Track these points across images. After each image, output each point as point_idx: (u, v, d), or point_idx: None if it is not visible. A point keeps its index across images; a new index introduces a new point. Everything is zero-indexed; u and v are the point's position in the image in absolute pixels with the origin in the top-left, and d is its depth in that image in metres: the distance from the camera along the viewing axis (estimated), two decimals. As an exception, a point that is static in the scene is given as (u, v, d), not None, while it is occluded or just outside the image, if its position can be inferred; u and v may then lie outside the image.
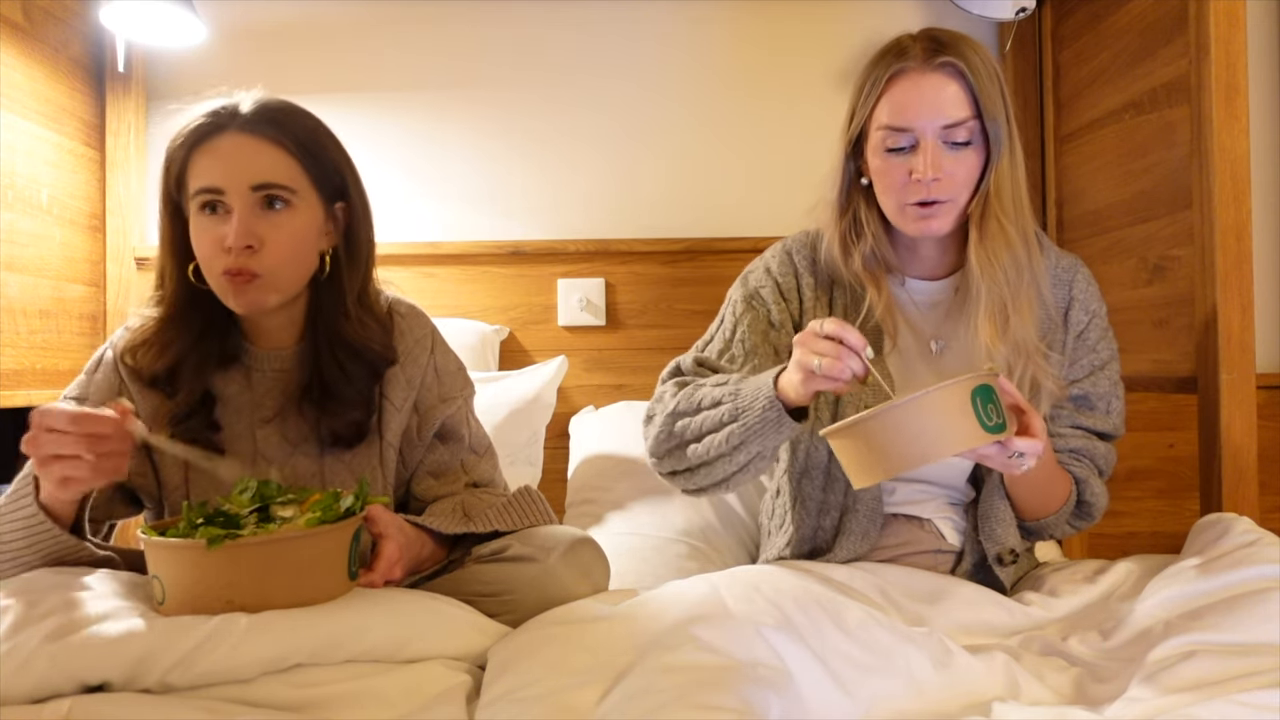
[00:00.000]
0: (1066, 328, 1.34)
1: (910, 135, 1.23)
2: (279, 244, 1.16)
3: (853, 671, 0.94)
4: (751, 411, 1.17)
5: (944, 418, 0.99)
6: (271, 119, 1.18)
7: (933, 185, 1.22)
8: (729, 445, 1.19)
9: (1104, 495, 1.33)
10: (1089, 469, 1.32)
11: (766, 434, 1.17)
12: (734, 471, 1.22)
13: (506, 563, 1.13)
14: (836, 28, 2.16)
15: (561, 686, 0.88)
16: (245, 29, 2.13)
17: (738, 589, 1.02)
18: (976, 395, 1.01)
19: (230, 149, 1.16)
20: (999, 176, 1.24)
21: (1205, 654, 0.95)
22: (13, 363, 1.75)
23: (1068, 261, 1.37)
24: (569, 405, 2.11)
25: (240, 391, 1.24)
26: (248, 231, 1.14)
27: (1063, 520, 1.32)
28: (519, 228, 2.16)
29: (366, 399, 1.24)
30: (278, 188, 1.16)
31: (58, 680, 0.85)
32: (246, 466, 1.21)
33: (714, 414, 1.21)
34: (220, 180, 1.15)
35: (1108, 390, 1.34)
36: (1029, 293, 1.25)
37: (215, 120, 1.17)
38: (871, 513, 1.30)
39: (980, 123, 1.23)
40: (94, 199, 2.05)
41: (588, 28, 2.17)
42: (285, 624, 0.92)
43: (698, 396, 1.24)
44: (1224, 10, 1.46)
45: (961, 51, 1.23)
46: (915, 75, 1.23)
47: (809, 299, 1.36)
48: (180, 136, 1.18)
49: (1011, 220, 1.24)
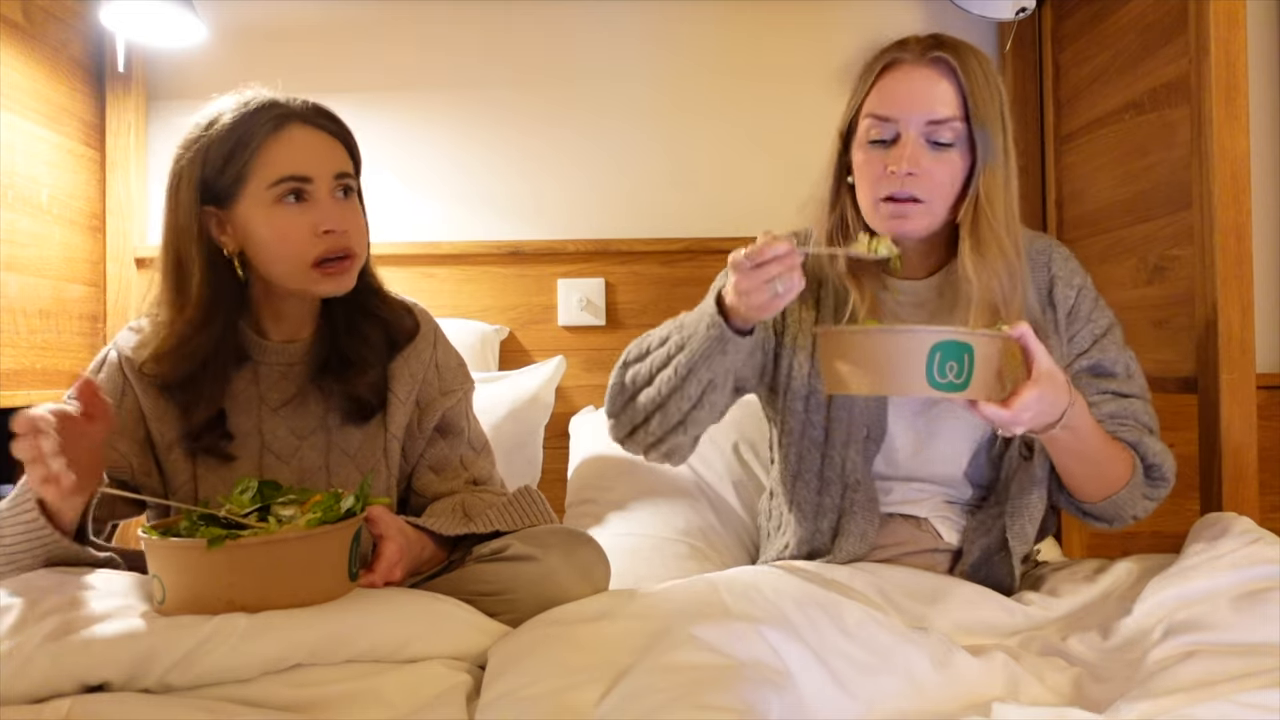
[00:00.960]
0: (1054, 307, 1.31)
1: (893, 126, 1.22)
2: (358, 227, 1.24)
3: (853, 671, 0.94)
4: (696, 336, 1.18)
5: (897, 360, 1.04)
6: (327, 115, 1.24)
7: (907, 180, 1.21)
8: (678, 377, 1.19)
9: (1167, 453, 1.26)
10: (1138, 429, 1.27)
11: (713, 356, 1.17)
12: (688, 409, 1.21)
13: (506, 562, 1.13)
14: (836, 28, 2.16)
15: (561, 686, 0.88)
16: (245, 29, 2.13)
17: (738, 589, 1.02)
18: (938, 349, 1.03)
19: (306, 139, 1.20)
20: (990, 185, 1.22)
21: (1205, 654, 0.95)
22: (13, 363, 1.75)
23: (1041, 244, 1.35)
24: (569, 405, 2.11)
25: (247, 386, 1.25)
26: (340, 217, 1.20)
27: (1138, 493, 1.25)
28: (519, 228, 2.16)
29: (384, 365, 1.27)
30: (350, 176, 1.24)
31: (58, 680, 0.85)
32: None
33: (661, 351, 1.22)
34: (309, 169, 1.18)
35: (1117, 353, 1.31)
36: (1020, 299, 1.24)
37: (279, 111, 1.19)
38: (869, 514, 1.30)
39: (968, 127, 1.22)
40: (94, 199, 2.05)
41: (588, 28, 2.17)
42: (285, 624, 0.92)
43: (646, 342, 1.26)
44: (1224, 10, 1.46)
45: (959, 52, 1.23)
46: (908, 67, 1.23)
47: (793, 305, 1.35)
48: (243, 126, 1.17)
49: (1004, 229, 1.22)
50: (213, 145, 1.18)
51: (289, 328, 1.26)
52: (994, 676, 0.99)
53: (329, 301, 1.27)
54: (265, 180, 1.17)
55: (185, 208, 1.19)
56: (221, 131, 1.18)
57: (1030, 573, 1.38)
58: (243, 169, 1.17)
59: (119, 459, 1.22)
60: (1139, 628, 1.07)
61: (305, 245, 1.18)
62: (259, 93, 1.21)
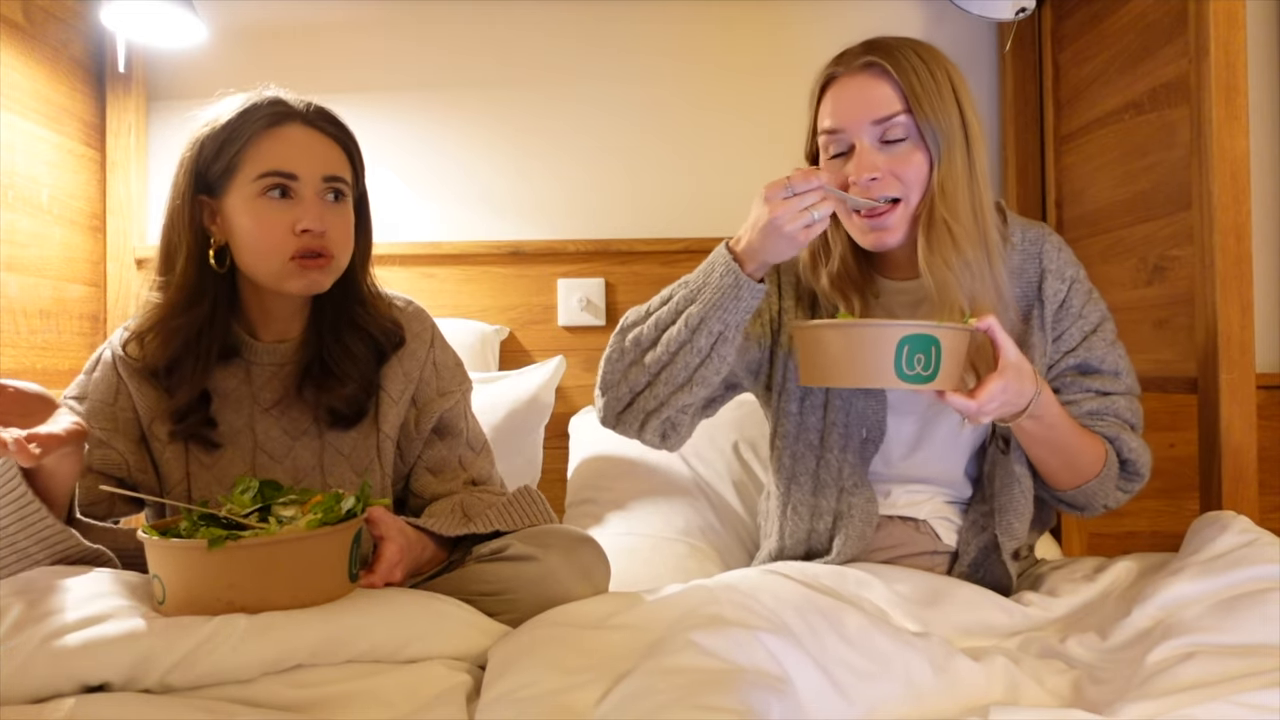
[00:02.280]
0: (1042, 303, 1.30)
1: (845, 137, 1.22)
2: (342, 232, 1.23)
3: (852, 678, 0.94)
4: (708, 285, 1.17)
5: (866, 352, 1.09)
6: (329, 118, 1.25)
7: (872, 185, 1.20)
8: (689, 329, 1.17)
9: (1145, 449, 1.29)
10: (1117, 425, 1.28)
11: (726, 304, 1.16)
12: (697, 363, 1.18)
13: (506, 562, 1.13)
14: (836, 28, 2.16)
15: (561, 687, 0.89)
16: (245, 29, 2.13)
17: (737, 596, 1.02)
18: (905, 343, 1.07)
19: (302, 139, 1.21)
20: (945, 176, 1.20)
21: (1205, 654, 0.95)
22: (13, 363, 1.75)
23: (1034, 233, 1.33)
24: (569, 405, 2.11)
25: (239, 385, 1.25)
26: (321, 218, 1.19)
27: (1109, 485, 1.27)
28: (519, 228, 2.16)
29: (367, 378, 1.26)
30: (341, 181, 1.23)
31: (58, 680, 0.85)
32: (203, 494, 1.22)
33: (667, 310, 1.21)
34: (296, 166, 1.19)
35: (1105, 351, 1.31)
36: (988, 296, 1.22)
37: (282, 109, 1.20)
38: (867, 515, 1.30)
39: (915, 120, 1.20)
40: (94, 199, 2.05)
41: (588, 28, 2.17)
42: (286, 624, 0.92)
43: (645, 305, 1.25)
44: (1224, 10, 1.46)
45: (890, 51, 1.22)
46: (845, 78, 1.24)
47: (790, 306, 1.35)
48: (242, 120, 1.19)
49: (961, 222, 1.19)
50: (211, 136, 1.20)
51: (278, 327, 1.27)
52: (993, 680, 0.99)
53: (318, 306, 1.27)
54: (252, 173, 1.18)
55: (181, 193, 1.21)
56: (221, 123, 1.20)
57: (1029, 572, 1.38)
58: (233, 160, 1.19)
59: (115, 457, 1.22)
60: (1138, 628, 1.07)
61: (282, 241, 1.18)
62: (268, 90, 1.23)
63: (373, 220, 1.33)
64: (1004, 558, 1.29)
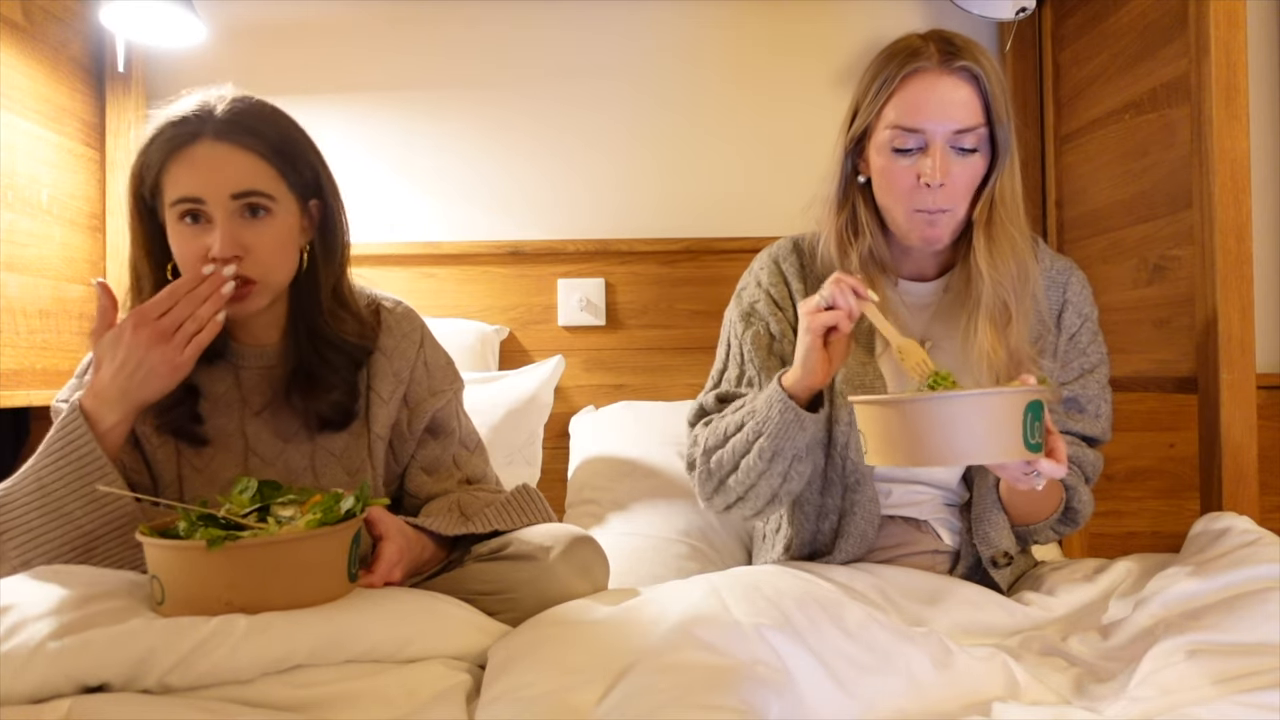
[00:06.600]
0: (1059, 330, 1.33)
1: (920, 137, 1.22)
2: (265, 249, 1.17)
3: (853, 671, 0.94)
4: (770, 420, 1.19)
5: (994, 423, 0.96)
6: (246, 126, 1.16)
7: (939, 192, 1.22)
8: (763, 461, 1.21)
9: (1090, 503, 1.32)
10: (1077, 476, 1.31)
11: (792, 435, 1.19)
12: (779, 484, 1.24)
13: (506, 561, 1.13)
14: (836, 28, 2.16)
15: (561, 686, 0.88)
16: (245, 29, 2.13)
17: (738, 590, 1.02)
18: (1030, 409, 0.99)
19: (207, 158, 1.14)
20: (1004, 184, 1.24)
21: (1205, 654, 0.95)
22: (13, 363, 1.75)
23: (1063, 264, 1.37)
24: (569, 405, 2.11)
25: (229, 389, 1.25)
26: (233, 241, 1.14)
27: (1048, 527, 1.32)
28: (519, 228, 2.16)
29: (350, 384, 1.25)
30: (258, 195, 1.16)
31: (57, 680, 0.85)
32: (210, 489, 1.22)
33: (741, 438, 1.23)
34: (200, 190, 1.14)
35: (1096, 394, 1.34)
36: (1028, 299, 1.25)
37: (189, 127, 1.15)
38: (869, 515, 1.30)
39: (990, 130, 1.23)
40: (94, 199, 2.05)
41: (588, 27, 2.17)
42: (285, 625, 0.92)
43: (721, 427, 1.27)
44: (1224, 10, 1.46)
45: (976, 57, 1.23)
46: (931, 77, 1.22)
47: (799, 289, 1.36)
48: (153, 144, 1.16)
49: (1016, 225, 1.24)
50: (142, 162, 1.17)
51: (255, 334, 1.26)
52: (994, 676, 0.99)
53: (292, 315, 1.25)
54: (168, 199, 1.16)
55: (132, 216, 1.20)
56: (145, 149, 1.17)
57: (1030, 572, 1.38)
58: (155, 186, 1.17)
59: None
60: (1140, 627, 1.07)
61: (196, 269, 1.14)
62: (185, 102, 1.18)
63: (345, 220, 1.27)
64: (984, 565, 1.30)
